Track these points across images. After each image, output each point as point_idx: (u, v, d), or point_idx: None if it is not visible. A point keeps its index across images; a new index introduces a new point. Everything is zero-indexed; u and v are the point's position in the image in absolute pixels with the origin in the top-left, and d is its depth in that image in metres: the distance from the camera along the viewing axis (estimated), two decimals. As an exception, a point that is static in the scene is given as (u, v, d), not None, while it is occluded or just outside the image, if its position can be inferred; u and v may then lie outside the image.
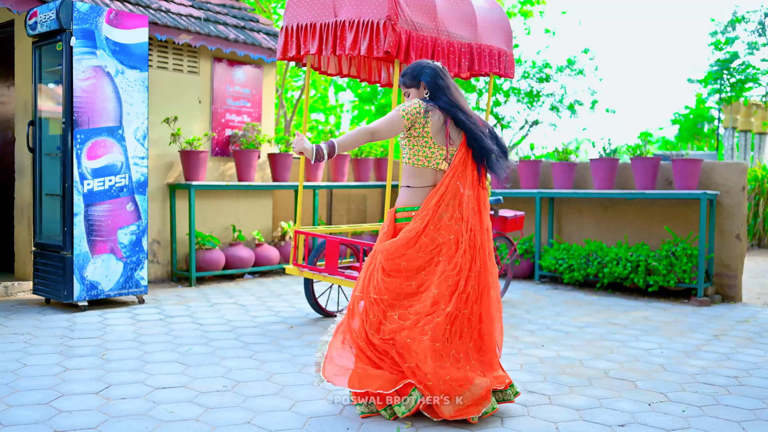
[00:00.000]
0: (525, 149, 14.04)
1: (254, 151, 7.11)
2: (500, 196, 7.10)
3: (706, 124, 24.49)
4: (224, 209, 7.31)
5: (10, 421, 2.93)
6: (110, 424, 2.91)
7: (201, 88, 7.10)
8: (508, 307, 5.88)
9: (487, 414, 3.05)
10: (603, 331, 5.04)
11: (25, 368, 3.71)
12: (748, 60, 15.09)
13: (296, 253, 5.09)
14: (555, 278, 7.41)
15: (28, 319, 4.94)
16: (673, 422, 3.14)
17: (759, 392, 3.65)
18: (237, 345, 4.34)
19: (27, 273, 6.24)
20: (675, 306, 6.15)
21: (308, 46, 4.75)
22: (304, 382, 3.57)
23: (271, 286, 6.75)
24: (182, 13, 6.82)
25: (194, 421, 2.98)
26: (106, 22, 5.24)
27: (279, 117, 13.32)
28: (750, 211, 11.33)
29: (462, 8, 5.02)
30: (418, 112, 3.22)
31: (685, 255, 6.32)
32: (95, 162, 5.21)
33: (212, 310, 5.45)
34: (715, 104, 17.16)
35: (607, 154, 7.16)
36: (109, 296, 5.35)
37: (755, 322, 5.52)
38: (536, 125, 14.88)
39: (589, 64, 14.07)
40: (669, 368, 4.06)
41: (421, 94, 3.34)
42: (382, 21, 4.35)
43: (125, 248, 5.39)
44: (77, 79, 5.10)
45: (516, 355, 4.28)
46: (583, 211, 7.50)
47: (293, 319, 5.17)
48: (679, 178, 6.50)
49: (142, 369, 3.74)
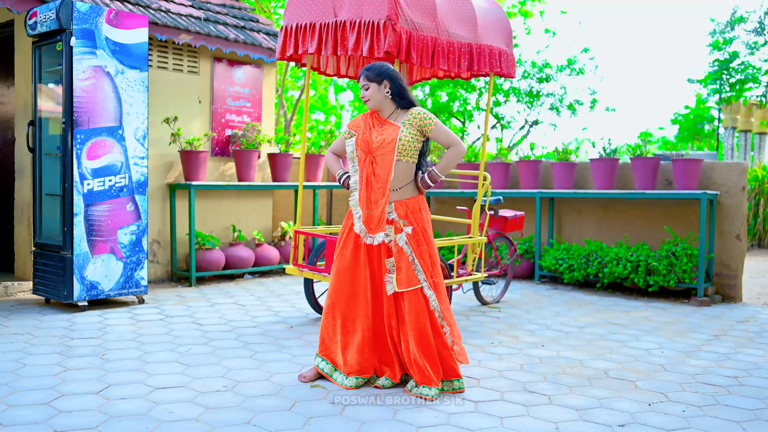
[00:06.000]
0: (525, 149, 14.05)
1: (254, 151, 7.11)
2: (500, 196, 7.10)
3: (706, 124, 24.49)
4: (224, 209, 7.31)
5: (10, 421, 2.92)
6: (110, 424, 2.90)
7: (201, 88, 7.10)
8: (508, 307, 5.88)
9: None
10: (603, 331, 5.04)
11: (25, 368, 3.71)
12: (747, 60, 15.09)
13: (296, 253, 5.08)
14: (555, 278, 7.41)
15: (28, 319, 4.94)
16: (673, 422, 3.14)
17: (759, 392, 3.65)
18: (237, 345, 4.34)
19: (27, 273, 6.24)
20: (675, 306, 6.15)
21: (307, 45, 4.75)
22: (304, 383, 3.57)
23: (271, 286, 6.75)
24: (182, 13, 6.82)
25: (194, 421, 2.98)
26: (106, 22, 5.23)
27: (279, 117, 13.32)
28: (750, 211, 11.33)
29: (462, 8, 5.01)
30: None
31: (685, 255, 6.31)
32: (95, 162, 5.21)
33: (212, 310, 5.45)
34: (715, 104, 17.16)
35: (607, 154, 7.16)
36: (109, 296, 5.35)
37: (755, 322, 5.53)
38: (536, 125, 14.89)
39: (589, 63, 14.08)
40: (669, 368, 4.06)
41: (382, 91, 3.59)
42: (382, 21, 4.35)
43: (125, 248, 5.39)
44: (77, 79, 5.10)
45: (516, 355, 4.28)
46: (583, 211, 7.50)
47: (293, 319, 5.17)
48: (679, 178, 6.50)
49: (142, 369, 3.74)
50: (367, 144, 3.56)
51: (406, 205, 3.57)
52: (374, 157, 3.54)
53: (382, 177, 3.52)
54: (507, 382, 3.68)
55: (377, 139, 3.54)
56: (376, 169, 3.53)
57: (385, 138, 3.52)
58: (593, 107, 14.32)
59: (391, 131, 3.54)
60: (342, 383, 3.50)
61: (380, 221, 3.51)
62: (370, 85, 3.58)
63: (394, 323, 3.55)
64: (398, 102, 3.61)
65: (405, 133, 3.52)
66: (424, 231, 3.59)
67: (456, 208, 7.41)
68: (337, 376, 3.55)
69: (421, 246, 3.54)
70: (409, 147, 3.54)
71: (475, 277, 5.37)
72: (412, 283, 3.47)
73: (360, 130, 3.63)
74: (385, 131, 3.55)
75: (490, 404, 3.31)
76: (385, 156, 3.52)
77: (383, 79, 3.58)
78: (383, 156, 3.52)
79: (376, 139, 3.54)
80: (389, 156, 3.51)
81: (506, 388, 3.58)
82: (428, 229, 3.63)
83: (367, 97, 3.60)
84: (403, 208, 3.56)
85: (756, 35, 14.43)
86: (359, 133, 3.61)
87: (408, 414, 3.14)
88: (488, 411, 3.21)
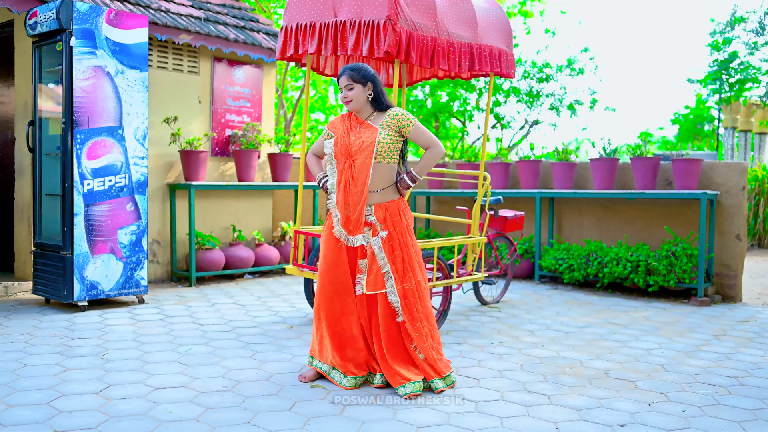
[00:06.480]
0: (525, 149, 14.06)
1: (254, 151, 7.11)
2: (500, 196, 7.10)
3: (706, 124, 24.49)
4: (224, 209, 7.31)
5: (10, 421, 2.92)
6: (110, 424, 2.90)
7: (201, 88, 7.10)
8: (508, 307, 5.88)
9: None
10: (603, 331, 5.04)
11: (25, 368, 3.71)
12: (748, 60, 15.08)
13: (296, 253, 5.08)
14: (555, 278, 7.41)
15: (28, 319, 4.94)
16: (673, 422, 3.14)
17: (759, 392, 3.65)
18: (237, 345, 4.34)
19: (27, 273, 6.24)
20: (675, 306, 6.15)
21: (307, 45, 4.75)
22: (304, 383, 3.57)
23: (271, 286, 6.74)
24: (182, 13, 6.82)
25: (194, 421, 2.98)
26: (106, 22, 5.23)
27: (279, 117, 13.33)
28: (750, 211, 11.33)
29: (462, 8, 5.01)
30: None
31: (685, 255, 6.31)
32: (95, 162, 5.21)
33: (212, 310, 5.45)
34: (714, 104, 17.16)
35: (607, 154, 7.16)
36: (109, 296, 5.35)
37: (755, 322, 5.52)
38: (536, 125, 14.89)
39: (589, 63, 14.08)
40: (669, 368, 4.06)
41: (365, 93, 3.58)
42: (382, 21, 4.35)
43: (125, 248, 5.39)
44: (77, 79, 5.10)
45: (516, 355, 4.28)
46: (583, 211, 7.50)
47: (293, 319, 5.17)
48: (679, 178, 6.50)
49: (142, 369, 3.74)
50: (346, 147, 3.54)
51: (386, 208, 3.57)
52: (353, 161, 3.53)
53: (360, 180, 3.51)
54: (507, 382, 3.68)
55: (356, 143, 3.53)
56: (354, 173, 3.52)
57: (363, 141, 3.51)
58: (593, 107, 14.32)
59: (369, 134, 3.53)
60: (340, 382, 3.51)
61: (358, 224, 3.52)
62: (355, 86, 3.56)
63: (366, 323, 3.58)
64: (376, 105, 3.61)
65: (383, 135, 3.52)
66: (401, 235, 3.57)
67: (456, 208, 7.41)
68: (335, 375, 3.55)
69: (395, 251, 3.54)
70: (389, 149, 3.54)
71: (475, 277, 5.37)
72: (378, 287, 3.50)
73: (338, 132, 3.61)
74: (363, 134, 3.54)
75: (490, 404, 3.31)
76: (364, 159, 3.51)
77: (368, 81, 3.57)
78: (362, 159, 3.51)
79: (354, 143, 3.53)
80: (368, 159, 3.50)
81: (506, 388, 3.58)
82: (407, 232, 3.60)
83: (351, 98, 3.56)
84: (382, 211, 3.56)
85: (756, 35, 14.42)
86: (338, 136, 3.60)
87: (408, 414, 3.14)
88: (488, 411, 3.21)
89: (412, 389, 3.39)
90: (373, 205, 3.56)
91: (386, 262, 3.51)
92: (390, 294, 3.51)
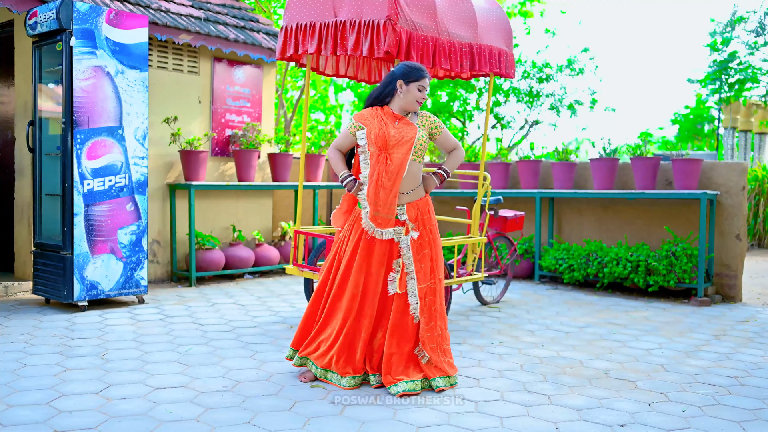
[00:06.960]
0: (525, 149, 14.06)
1: (254, 151, 7.11)
2: (500, 196, 7.10)
3: (706, 124, 24.49)
4: (224, 209, 7.31)
5: (10, 421, 2.92)
6: (110, 424, 2.90)
7: (201, 88, 7.10)
8: (508, 307, 5.88)
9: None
10: (603, 331, 5.04)
11: (25, 368, 3.71)
12: (748, 60, 15.07)
13: (296, 253, 5.08)
14: (555, 278, 7.41)
15: (28, 319, 4.94)
16: (673, 422, 3.14)
17: (759, 392, 3.65)
18: (237, 345, 4.34)
19: (27, 273, 6.24)
20: (675, 306, 6.15)
21: (307, 45, 4.75)
22: (304, 382, 3.57)
23: (271, 286, 6.74)
24: (182, 13, 6.82)
25: (194, 421, 2.98)
26: (106, 22, 5.23)
27: (279, 117, 13.32)
28: (750, 211, 11.33)
29: (462, 8, 5.01)
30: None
31: (685, 255, 6.31)
32: (95, 162, 5.21)
33: (212, 310, 5.45)
34: (714, 104, 17.15)
35: (607, 154, 7.16)
36: (109, 296, 5.35)
37: (755, 322, 5.53)
38: (536, 125, 14.88)
39: (589, 63, 14.08)
40: (669, 368, 4.06)
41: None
42: (382, 21, 4.35)
43: (125, 248, 5.39)
44: (77, 79, 5.10)
45: (516, 355, 4.28)
46: (583, 211, 7.50)
47: (293, 319, 5.17)
48: (679, 178, 6.50)
49: (142, 369, 3.74)
50: (384, 140, 3.52)
51: (417, 207, 3.61)
52: (389, 154, 3.53)
53: (393, 174, 3.51)
54: (507, 382, 3.68)
55: (396, 136, 3.53)
56: (389, 167, 3.52)
57: (404, 135, 3.53)
58: (593, 107, 14.31)
59: (409, 130, 3.56)
60: (338, 383, 3.49)
61: (387, 219, 3.52)
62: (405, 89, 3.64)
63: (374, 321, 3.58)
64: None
65: (421, 133, 3.59)
66: (431, 233, 3.62)
67: (456, 208, 7.41)
68: (331, 376, 3.53)
69: (423, 250, 3.57)
70: (421, 148, 3.60)
71: (475, 277, 5.37)
72: (401, 287, 3.53)
73: (371, 124, 3.58)
74: (403, 129, 3.56)
75: (490, 404, 3.31)
76: (402, 155, 3.52)
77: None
78: (399, 154, 3.52)
79: (395, 136, 3.53)
80: (405, 154, 3.52)
81: (506, 388, 3.58)
82: (435, 230, 3.66)
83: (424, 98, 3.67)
84: (414, 210, 3.59)
85: (756, 35, 14.42)
86: (372, 128, 3.56)
87: (408, 414, 3.14)
88: (488, 411, 3.21)
89: (405, 388, 3.39)
90: (406, 204, 3.58)
91: (411, 262, 3.53)
92: (410, 295, 3.53)
